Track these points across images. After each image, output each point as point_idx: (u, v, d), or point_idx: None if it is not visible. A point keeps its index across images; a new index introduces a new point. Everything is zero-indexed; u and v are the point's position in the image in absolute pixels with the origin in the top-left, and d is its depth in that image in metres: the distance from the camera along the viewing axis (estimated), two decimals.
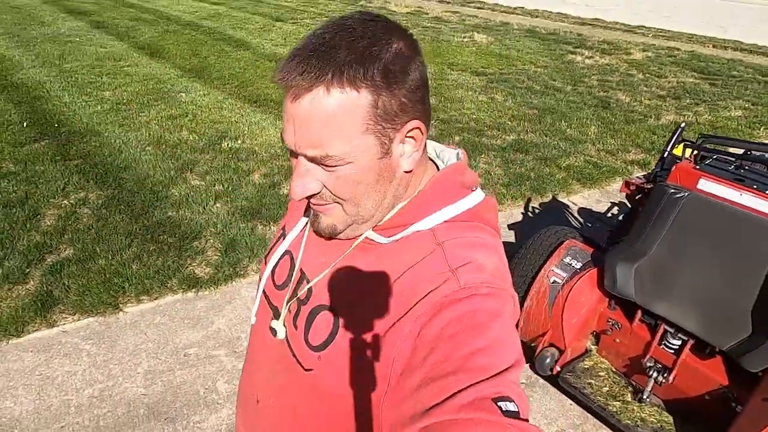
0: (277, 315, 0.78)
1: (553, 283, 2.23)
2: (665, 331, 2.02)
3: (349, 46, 0.59)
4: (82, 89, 5.75)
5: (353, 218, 0.68)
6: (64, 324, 2.63)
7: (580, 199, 4.06)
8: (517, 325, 2.37)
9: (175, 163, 4.15)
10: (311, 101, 0.59)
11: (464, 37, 9.20)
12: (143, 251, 3.12)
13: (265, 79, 6.43)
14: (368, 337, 0.65)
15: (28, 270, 2.91)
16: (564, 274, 2.22)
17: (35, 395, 2.25)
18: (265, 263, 0.86)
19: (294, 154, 0.64)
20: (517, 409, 0.53)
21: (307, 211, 0.81)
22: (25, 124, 4.72)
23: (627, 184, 2.32)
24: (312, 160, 0.63)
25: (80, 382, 2.32)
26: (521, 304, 2.32)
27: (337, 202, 0.66)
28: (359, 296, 0.68)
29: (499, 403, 0.53)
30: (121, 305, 2.75)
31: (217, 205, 3.66)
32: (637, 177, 2.37)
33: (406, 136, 0.65)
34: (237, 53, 7.63)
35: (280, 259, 0.83)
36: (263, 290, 0.84)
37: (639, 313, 2.09)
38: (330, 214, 0.68)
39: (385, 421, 0.62)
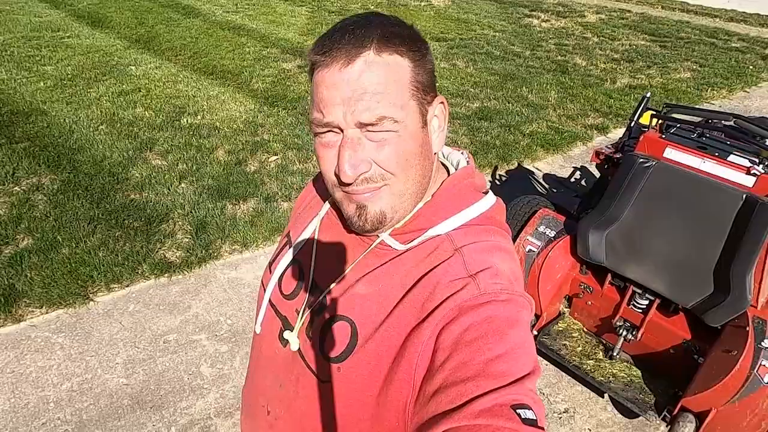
0: (288, 326, 0.77)
1: (528, 251, 2.31)
2: (633, 292, 2.15)
3: (381, 24, 0.63)
4: (20, 64, 5.34)
5: (399, 200, 0.67)
6: (32, 318, 2.53)
7: (544, 165, 4.16)
8: None
9: (132, 143, 3.97)
10: (363, 63, 0.60)
11: (422, 1, 9.05)
12: (109, 237, 3.00)
13: (220, 49, 6.15)
14: (390, 344, 0.66)
15: None
16: (539, 243, 2.30)
17: (9, 393, 2.17)
18: (270, 271, 0.84)
19: (335, 131, 0.64)
20: (535, 417, 0.54)
21: (313, 216, 0.81)
22: None
23: (597, 153, 2.40)
24: (363, 125, 0.62)
25: (56, 376, 2.26)
26: None
27: (385, 183, 0.65)
28: (377, 304, 0.68)
29: (518, 411, 0.53)
30: (90, 295, 2.67)
31: (183, 185, 3.54)
32: (606, 147, 2.45)
33: (434, 114, 0.68)
34: (187, 21, 7.25)
35: (287, 267, 0.81)
36: (269, 299, 0.82)
37: (609, 277, 2.20)
38: (378, 198, 0.66)
39: (410, 425, 0.62)
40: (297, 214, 0.89)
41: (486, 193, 0.74)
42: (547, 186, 3.84)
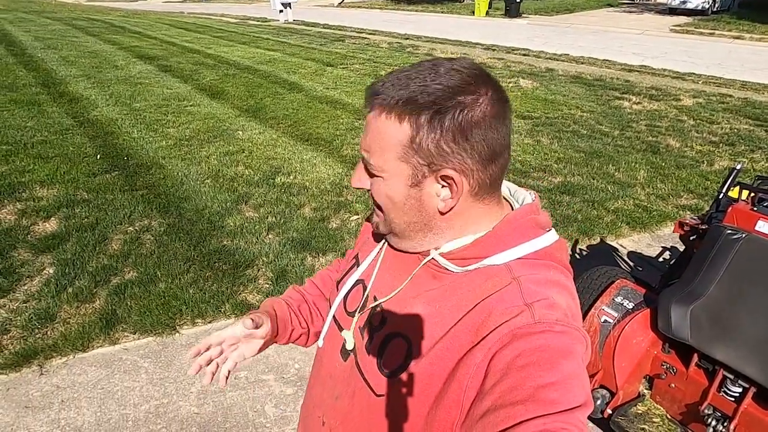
0: (348, 340, 0.83)
1: (603, 322, 2.20)
2: (724, 377, 1.95)
3: (421, 83, 0.67)
4: (150, 126, 6.19)
5: (389, 227, 0.77)
6: (126, 342, 2.78)
7: (629, 242, 3.99)
8: None
9: (231, 196, 4.38)
10: (374, 117, 0.71)
11: (509, 83, 9.36)
12: (200, 277, 3.28)
13: (316, 120, 6.73)
14: (442, 365, 0.67)
15: (95, 290, 3.11)
16: (615, 314, 2.19)
17: (96, 407, 2.37)
18: (338, 290, 0.90)
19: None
20: None
21: (379, 239, 0.86)
22: (98, 156, 5.11)
23: (681, 224, 2.30)
24: (364, 161, 0.74)
25: (138, 397, 2.43)
26: None
27: (377, 207, 0.76)
28: (433, 324, 0.70)
29: None
30: (177, 327, 2.89)
31: (270, 236, 3.82)
32: (691, 218, 2.35)
33: (442, 180, 0.69)
34: (290, 95, 8.05)
35: (353, 287, 0.87)
36: (333, 316, 0.88)
37: (695, 358, 2.03)
38: (377, 213, 0.77)
39: None
40: (364, 239, 0.94)
41: (549, 230, 0.75)
42: (631, 263, 3.66)
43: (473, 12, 22.77)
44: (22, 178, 4.48)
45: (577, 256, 3.73)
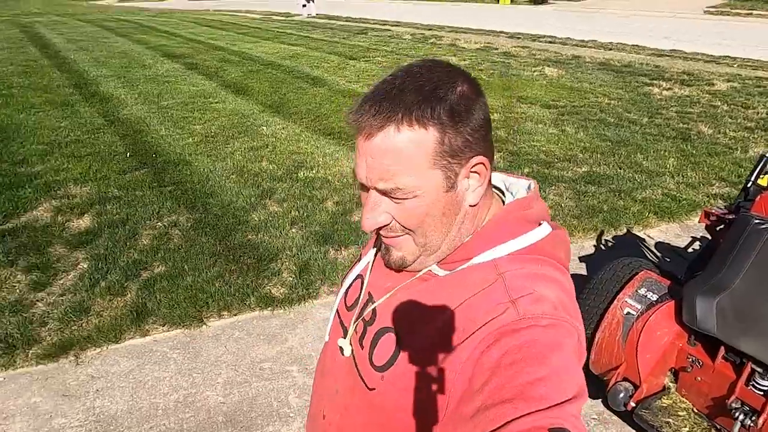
0: (345, 334, 0.83)
1: (627, 314, 2.17)
2: (753, 370, 1.90)
3: (416, 89, 0.65)
4: (177, 123, 6.34)
5: (421, 249, 0.71)
6: (155, 334, 2.87)
7: (657, 233, 3.90)
8: (588, 358, 2.31)
9: (255, 191, 4.45)
10: (383, 139, 0.64)
11: (534, 71, 9.21)
12: (225, 270, 3.36)
13: (339, 114, 6.77)
14: (428, 361, 0.68)
15: (126, 284, 3.22)
16: (639, 306, 2.16)
17: (128, 396, 2.47)
18: (341, 284, 0.92)
19: (365, 188, 0.70)
20: None
21: (377, 240, 0.85)
22: (128, 154, 5.27)
23: (707, 214, 2.24)
24: (383, 193, 0.67)
25: (167, 387, 2.52)
26: (592, 336, 2.27)
27: (406, 233, 0.70)
28: (420, 322, 0.71)
29: None
30: (204, 319, 2.97)
31: (293, 230, 3.87)
32: (718, 207, 2.28)
33: (470, 171, 0.69)
34: (314, 90, 8.10)
35: (353, 281, 0.88)
36: (337, 309, 0.89)
37: (722, 350, 1.98)
38: (400, 247, 0.72)
39: None
40: (373, 235, 0.97)
41: (541, 224, 0.73)
42: (659, 254, 3.58)
43: (497, 0, 22.40)
44: (57, 177, 4.66)
45: (603, 248, 3.66)
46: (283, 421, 2.33)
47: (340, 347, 0.82)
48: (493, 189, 0.79)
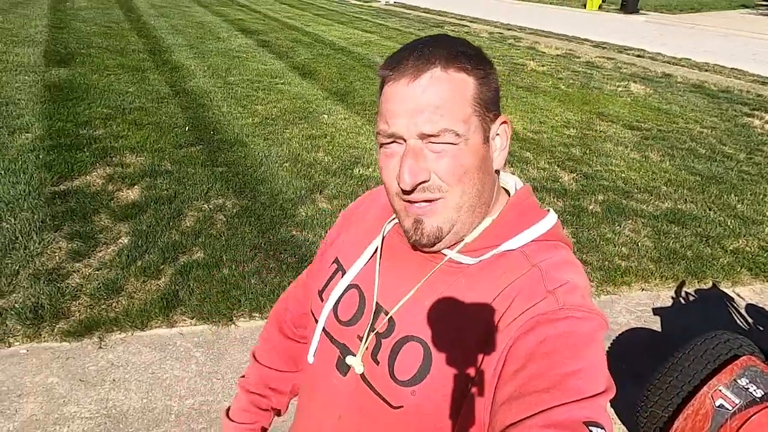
0: (347, 352, 0.75)
1: (719, 407, 1.79)
2: None
3: (448, 45, 0.67)
4: (239, 101, 6.26)
5: (456, 215, 0.68)
6: (182, 326, 2.73)
7: (750, 293, 3.38)
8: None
9: (307, 183, 4.26)
10: (430, 79, 0.64)
11: (618, 86, 8.52)
12: (263, 267, 3.18)
13: None
14: (469, 361, 0.65)
15: (162, 267, 3.10)
16: (737, 400, 1.77)
17: (144, 394, 2.32)
18: (322, 300, 0.82)
19: (397, 139, 0.66)
20: None
21: (368, 240, 0.80)
22: (187, 128, 5.21)
23: None
24: (426, 136, 0.64)
25: (185, 390, 2.36)
26: (669, 421, 1.92)
27: (442, 196, 0.67)
28: (453, 322, 0.67)
29: (591, 428, 0.54)
30: (234, 318, 2.80)
31: None
32: None
33: (500, 128, 0.71)
34: None
35: (343, 293, 0.79)
36: (323, 328, 0.80)
37: None
38: (434, 213, 0.68)
39: None
40: (341, 240, 0.87)
41: (548, 210, 0.75)
42: (750, 321, 3.09)
43: (584, 5, 21.28)
44: (115, 143, 4.65)
45: (682, 301, 3.21)
46: None
47: (347, 368, 0.74)
48: None
